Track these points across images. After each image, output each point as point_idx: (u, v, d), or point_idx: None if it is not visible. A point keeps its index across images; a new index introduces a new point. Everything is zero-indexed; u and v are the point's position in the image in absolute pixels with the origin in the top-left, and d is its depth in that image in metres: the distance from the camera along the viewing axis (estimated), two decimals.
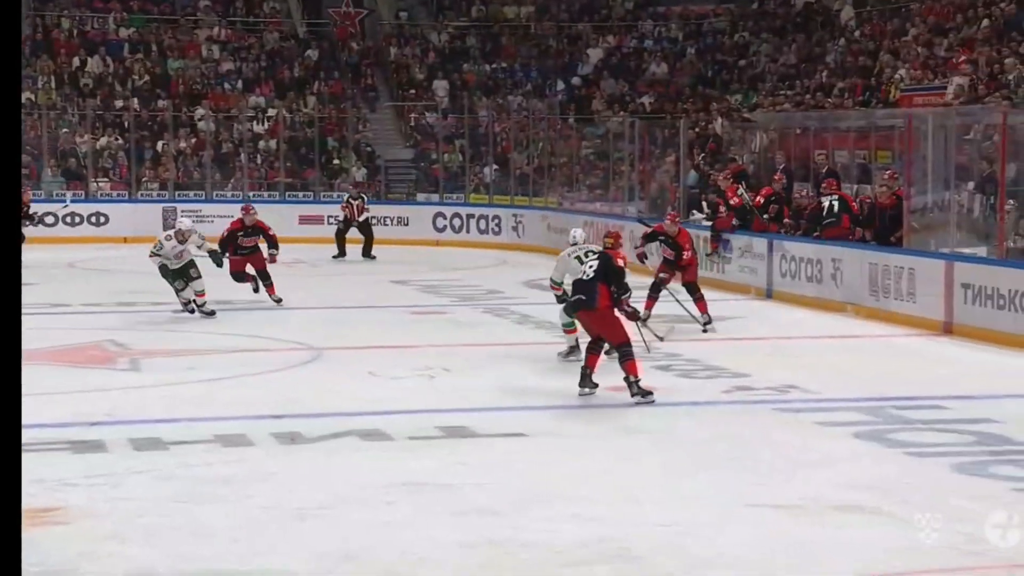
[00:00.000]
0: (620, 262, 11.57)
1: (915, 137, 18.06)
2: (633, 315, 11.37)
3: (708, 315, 14.47)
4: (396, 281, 21.81)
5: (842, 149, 21.16)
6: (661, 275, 15.06)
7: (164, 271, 15.71)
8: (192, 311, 15.85)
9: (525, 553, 6.35)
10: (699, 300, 14.64)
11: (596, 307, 10.91)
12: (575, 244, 13.10)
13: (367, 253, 26.30)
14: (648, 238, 16.16)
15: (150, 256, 16.01)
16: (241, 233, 17.55)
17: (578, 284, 11.20)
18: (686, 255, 15.01)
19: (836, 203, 17.38)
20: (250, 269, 17.41)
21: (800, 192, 20.43)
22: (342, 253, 26.10)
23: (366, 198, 27.65)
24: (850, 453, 9.01)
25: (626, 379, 10.45)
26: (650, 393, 10.41)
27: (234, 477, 8.05)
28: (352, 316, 17.35)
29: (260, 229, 17.88)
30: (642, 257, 15.83)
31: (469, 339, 15.37)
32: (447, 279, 22.22)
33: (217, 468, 8.34)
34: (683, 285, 14.81)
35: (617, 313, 11.00)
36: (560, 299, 12.66)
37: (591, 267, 11.00)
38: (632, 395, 10.40)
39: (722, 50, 34.92)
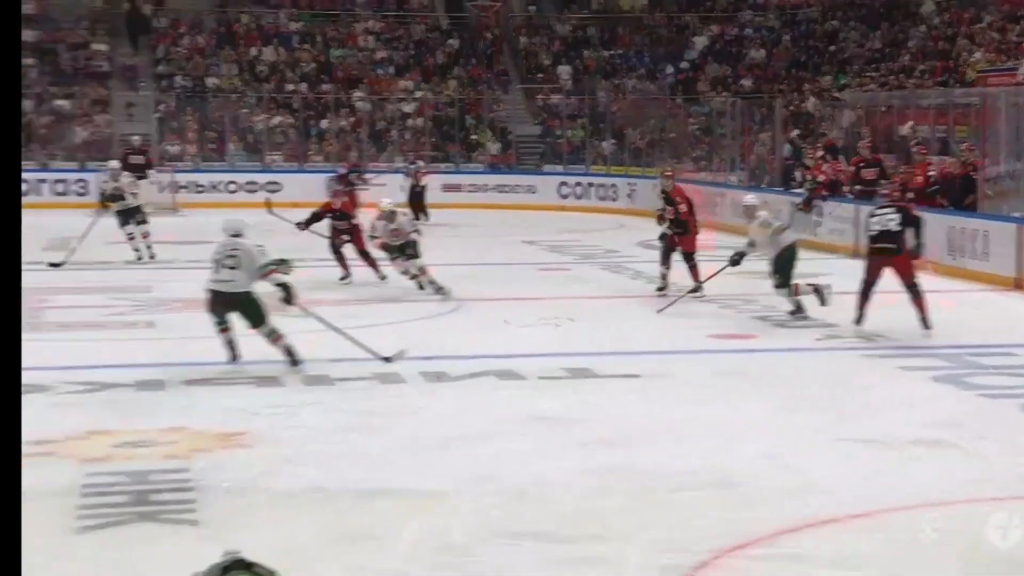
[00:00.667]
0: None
1: (990, 113, 18.18)
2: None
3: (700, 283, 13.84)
4: (526, 241, 21.98)
5: (922, 124, 21.04)
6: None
7: (388, 248, 14.82)
8: (421, 287, 14.52)
9: (637, 479, 6.45)
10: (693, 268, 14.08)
11: (902, 253, 11.07)
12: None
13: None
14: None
15: (370, 239, 15.21)
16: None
17: (885, 234, 11.09)
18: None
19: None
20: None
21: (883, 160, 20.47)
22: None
23: (422, 164, 26.78)
24: (929, 394, 8.97)
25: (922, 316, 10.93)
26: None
27: (388, 410, 8.32)
28: (488, 272, 17.45)
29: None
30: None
31: (590, 292, 15.44)
32: (570, 240, 22.31)
33: (375, 402, 8.62)
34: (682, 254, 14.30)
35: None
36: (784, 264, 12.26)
37: (892, 219, 11.04)
38: (925, 326, 10.93)
39: (814, 37, 34.70)
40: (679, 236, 14.27)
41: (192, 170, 30.75)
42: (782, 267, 12.19)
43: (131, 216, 18.01)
